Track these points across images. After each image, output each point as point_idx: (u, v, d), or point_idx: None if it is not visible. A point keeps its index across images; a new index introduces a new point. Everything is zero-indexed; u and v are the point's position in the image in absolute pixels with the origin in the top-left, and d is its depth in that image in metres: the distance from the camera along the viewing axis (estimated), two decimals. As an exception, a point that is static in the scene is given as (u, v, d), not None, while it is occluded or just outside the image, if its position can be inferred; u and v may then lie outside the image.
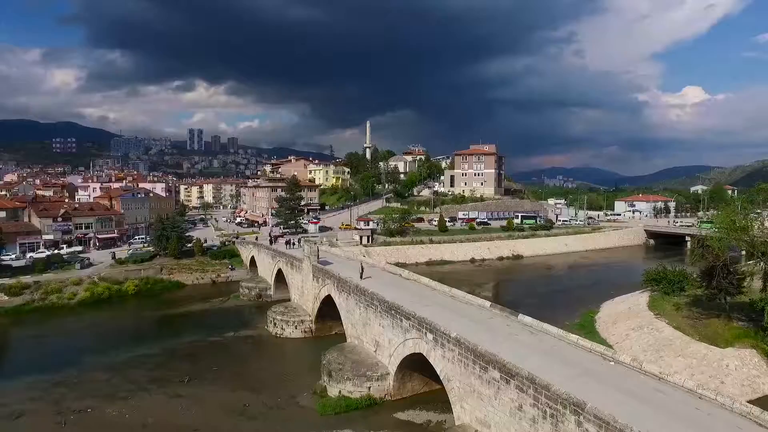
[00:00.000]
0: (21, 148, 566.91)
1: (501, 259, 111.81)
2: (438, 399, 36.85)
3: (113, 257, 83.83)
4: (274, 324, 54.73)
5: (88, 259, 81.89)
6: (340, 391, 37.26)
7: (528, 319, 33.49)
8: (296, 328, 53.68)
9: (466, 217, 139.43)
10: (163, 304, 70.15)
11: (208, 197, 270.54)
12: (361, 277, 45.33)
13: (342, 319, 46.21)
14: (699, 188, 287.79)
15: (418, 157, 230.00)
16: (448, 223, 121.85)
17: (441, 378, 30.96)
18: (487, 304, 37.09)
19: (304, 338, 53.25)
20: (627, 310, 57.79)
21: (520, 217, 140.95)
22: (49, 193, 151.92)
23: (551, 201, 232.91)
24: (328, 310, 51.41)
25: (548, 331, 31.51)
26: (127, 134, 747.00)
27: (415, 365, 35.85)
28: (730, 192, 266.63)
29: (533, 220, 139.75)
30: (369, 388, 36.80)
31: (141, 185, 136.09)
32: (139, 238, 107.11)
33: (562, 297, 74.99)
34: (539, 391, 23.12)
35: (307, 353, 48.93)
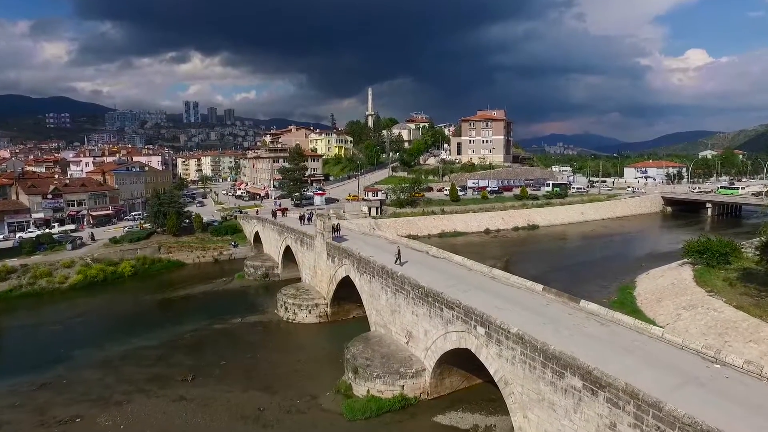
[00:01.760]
0: (14, 124, 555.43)
1: (516, 229, 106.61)
2: (481, 397, 32.17)
3: (92, 237, 77.61)
4: (285, 308, 49.64)
5: (80, 238, 76.36)
6: (368, 391, 32.28)
7: (593, 306, 28.22)
8: (310, 313, 48.61)
9: (477, 185, 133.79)
10: (162, 286, 64.89)
11: (207, 170, 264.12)
12: (397, 262, 38.63)
13: (364, 303, 41.02)
14: (708, 153, 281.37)
15: (421, 125, 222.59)
16: (459, 192, 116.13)
17: (496, 380, 25.85)
18: (539, 287, 31.74)
19: (319, 323, 48.27)
20: (671, 285, 52.70)
21: (551, 185, 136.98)
22: (41, 169, 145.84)
23: (555, 168, 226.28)
24: (344, 291, 46.34)
25: (621, 321, 26.26)
26: (122, 108, 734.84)
27: (456, 358, 30.80)
28: (740, 157, 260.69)
29: (562, 187, 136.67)
30: (402, 386, 31.80)
31: (136, 158, 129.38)
32: (136, 215, 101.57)
33: (589, 270, 70.00)
34: (644, 409, 17.96)
35: (324, 341, 44.08)
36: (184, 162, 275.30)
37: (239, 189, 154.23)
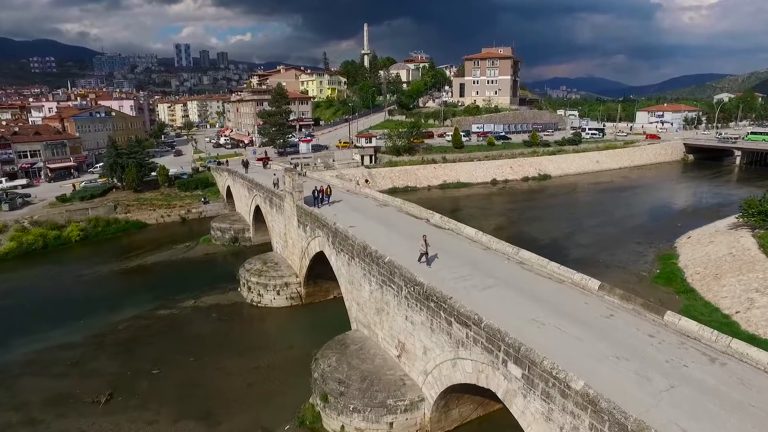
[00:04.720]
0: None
1: (526, 179, 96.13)
2: (503, 434, 22.43)
3: (4, 198, 62.70)
4: (249, 288, 39.65)
5: (23, 196, 65.50)
6: (343, 427, 22.66)
7: (688, 323, 17.87)
8: (279, 294, 38.70)
9: (482, 130, 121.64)
10: (113, 254, 54.63)
11: (194, 116, 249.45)
12: (422, 260, 24.55)
13: (342, 291, 30.88)
14: (724, 96, 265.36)
15: (421, 65, 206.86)
16: (462, 138, 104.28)
17: (538, 452, 15.91)
18: (594, 283, 21.35)
19: (291, 307, 38.51)
20: (729, 256, 42.52)
21: (587, 129, 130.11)
22: (6, 115, 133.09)
23: (561, 112, 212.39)
24: (321, 267, 36.07)
25: (746, 355, 15.95)
26: (110, 52, 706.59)
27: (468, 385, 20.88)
28: (759, 99, 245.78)
29: (599, 132, 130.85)
30: (391, 423, 22.14)
31: (103, 103, 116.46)
32: (99, 166, 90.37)
33: (617, 231, 59.96)
34: None
35: (293, 335, 34.33)
36: (169, 107, 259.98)
37: (223, 136, 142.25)
